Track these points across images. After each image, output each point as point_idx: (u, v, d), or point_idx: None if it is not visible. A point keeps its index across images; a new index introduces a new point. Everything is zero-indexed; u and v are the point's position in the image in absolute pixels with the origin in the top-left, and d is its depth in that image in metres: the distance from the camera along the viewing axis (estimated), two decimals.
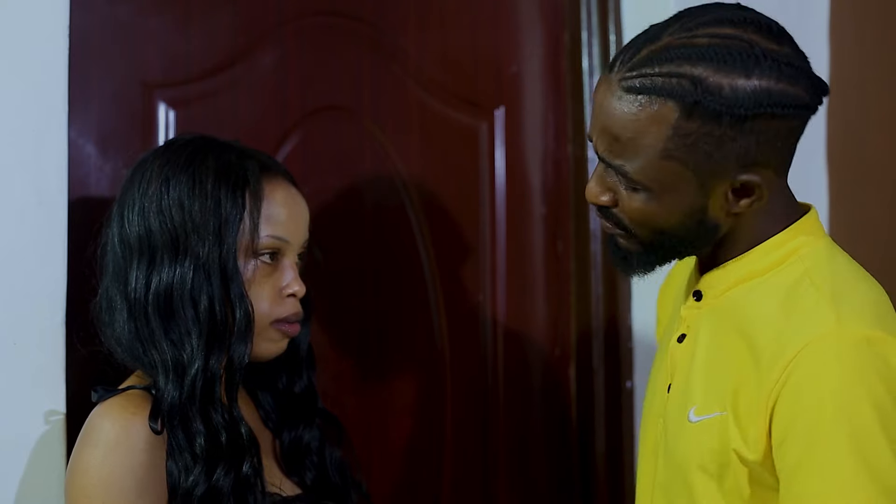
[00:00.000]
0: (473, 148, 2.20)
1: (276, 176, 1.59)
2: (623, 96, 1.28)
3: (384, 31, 2.11)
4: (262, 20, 2.02)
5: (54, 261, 1.71)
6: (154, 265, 1.52)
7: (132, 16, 1.92)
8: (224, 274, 1.51)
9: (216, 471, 1.47)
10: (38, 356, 1.71)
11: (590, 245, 2.26)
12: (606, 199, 1.36)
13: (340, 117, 2.08)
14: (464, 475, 2.19)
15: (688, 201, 1.32)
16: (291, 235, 1.57)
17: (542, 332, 2.25)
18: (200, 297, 1.50)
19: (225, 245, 1.51)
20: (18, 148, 1.71)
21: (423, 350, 2.16)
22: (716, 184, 1.31)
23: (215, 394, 1.50)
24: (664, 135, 1.28)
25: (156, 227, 1.52)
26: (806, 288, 1.32)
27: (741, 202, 1.33)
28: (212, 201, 1.52)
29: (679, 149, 1.28)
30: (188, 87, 1.96)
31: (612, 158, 1.32)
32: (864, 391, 1.23)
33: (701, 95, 1.25)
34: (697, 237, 1.36)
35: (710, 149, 1.28)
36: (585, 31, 2.25)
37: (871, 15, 2.16)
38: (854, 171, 2.19)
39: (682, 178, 1.30)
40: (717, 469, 1.33)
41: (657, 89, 1.27)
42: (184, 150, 1.57)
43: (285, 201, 1.58)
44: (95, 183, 1.87)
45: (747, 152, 1.29)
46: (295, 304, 1.58)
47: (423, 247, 2.15)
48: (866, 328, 1.27)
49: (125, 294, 1.53)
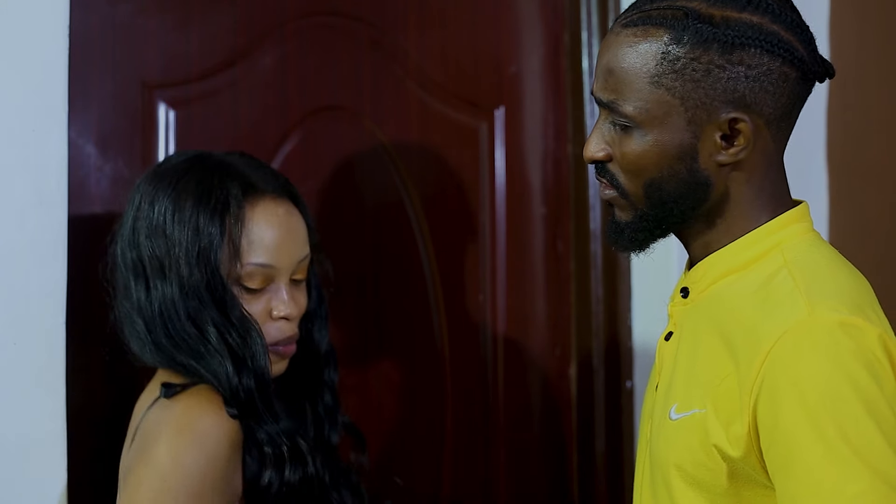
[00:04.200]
0: (473, 148, 2.20)
1: (262, 196, 1.55)
2: (620, 32, 1.34)
3: (384, 31, 2.11)
4: (262, 20, 2.02)
5: (54, 261, 1.71)
6: (149, 286, 1.53)
7: (132, 16, 1.92)
8: (215, 297, 1.50)
9: (285, 472, 1.50)
10: (38, 356, 1.71)
11: (590, 245, 2.26)
12: (602, 153, 1.37)
13: (340, 117, 2.08)
14: (464, 475, 2.19)
15: (678, 139, 1.33)
16: (279, 259, 1.54)
17: (542, 332, 2.25)
18: (200, 320, 1.50)
19: (208, 270, 1.50)
20: (18, 148, 1.71)
21: (423, 350, 2.16)
22: (704, 122, 1.33)
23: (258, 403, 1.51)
24: (654, 60, 1.31)
25: (145, 248, 1.53)
26: (783, 279, 1.32)
27: (730, 150, 1.34)
28: (190, 228, 1.51)
29: (668, 75, 1.31)
30: (188, 87, 1.96)
31: (607, 96, 1.34)
32: (842, 377, 1.22)
33: (691, 22, 1.30)
34: (688, 192, 1.36)
35: (699, 76, 1.31)
36: (585, 31, 2.25)
37: (871, 14, 2.16)
38: (854, 171, 2.19)
39: (671, 109, 1.32)
40: (692, 467, 1.32)
41: (651, 20, 1.32)
42: (171, 170, 1.57)
43: (270, 222, 1.54)
44: (95, 183, 1.87)
45: (735, 87, 1.31)
46: (286, 327, 1.57)
47: (423, 247, 2.15)
48: (839, 315, 1.25)
49: (137, 308, 1.54)
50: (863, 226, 2.16)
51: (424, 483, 2.17)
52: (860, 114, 2.16)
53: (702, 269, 1.40)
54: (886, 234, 2.10)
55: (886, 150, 2.13)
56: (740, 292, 1.34)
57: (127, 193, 1.86)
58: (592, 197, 2.25)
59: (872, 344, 1.24)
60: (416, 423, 2.16)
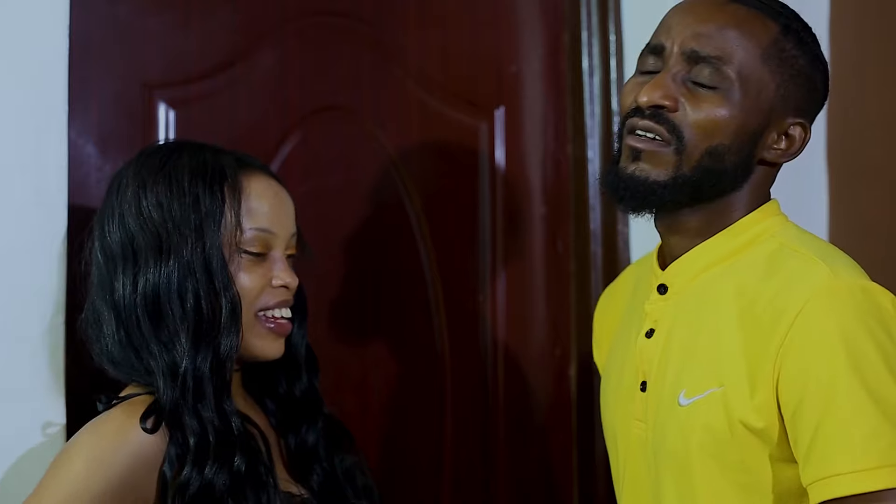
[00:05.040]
0: (473, 148, 2.20)
1: (253, 170, 1.57)
2: (727, 3, 1.38)
3: (384, 31, 2.11)
4: (262, 20, 2.02)
5: (54, 261, 1.71)
6: (139, 267, 1.50)
7: (132, 16, 1.92)
8: (208, 269, 1.50)
9: (206, 466, 1.45)
10: (38, 356, 1.71)
11: (590, 245, 2.26)
12: (670, 101, 1.36)
13: (340, 117, 2.08)
14: (464, 475, 2.19)
15: (756, 120, 1.37)
16: (277, 227, 1.56)
17: (542, 332, 2.25)
18: (186, 294, 1.49)
19: (207, 241, 1.50)
20: (18, 148, 1.71)
21: (423, 350, 2.16)
22: (778, 115, 1.39)
23: (205, 391, 1.48)
24: (768, 40, 1.37)
25: (136, 229, 1.51)
26: (787, 255, 1.36)
27: (778, 151, 1.40)
28: (190, 198, 1.51)
29: (775, 59, 1.37)
30: (188, 87, 1.97)
31: (711, 51, 1.35)
32: (867, 336, 1.27)
33: (793, 22, 1.40)
34: (736, 173, 1.39)
35: (794, 73, 1.38)
36: (585, 31, 2.25)
37: (871, 14, 2.16)
38: (854, 171, 2.19)
39: (765, 90, 1.37)
40: (715, 447, 1.33)
41: (760, 6, 1.39)
42: (157, 153, 1.56)
43: (266, 193, 1.56)
44: (95, 183, 1.87)
45: (805, 99, 1.40)
46: (283, 292, 1.56)
47: (423, 247, 2.15)
48: (860, 280, 1.32)
49: (112, 303, 1.51)
50: (863, 226, 2.16)
51: (425, 483, 2.17)
52: (860, 114, 2.16)
53: (685, 263, 1.42)
54: (886, 234, 2.10)
55: (886, 150, 2.13)
56: (741, 274, 1.37)
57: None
58: (592, 197, 2.25)
59: (889, 306, 1.31)
60: (416, 423, 2.16)
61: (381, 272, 2.13)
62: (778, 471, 1.32)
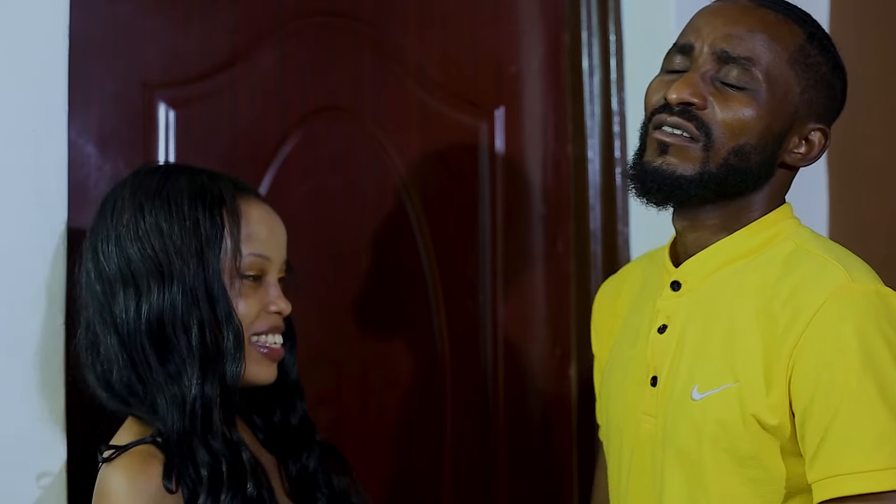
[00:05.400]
0: (473, 148, 2.20)
1: (249, 195, 1.58)
2: (756, 7, 1.41)
3: (384, 31, 2.11)
4: (262, 20, 2.02)
5: (54, 261, 1.71)
6: (140, 293, 1.49)
7: (132, 16, 1.92)
8: (210, 296, 1.49)
9: (220, 496, 1.45)
10: (38, 356, 1.71)
11: (590, 245, 2.26)
12: (700, 99, 1.38)
13: (340, 117, 2.08)
14: (464, 475, 2.19)
15: (780, 121, 1.39)
16: (272, 252, 1.56)
17: (542, 332, 2.25)
18: (191, 323, 1.48)
19: (209, 266, 1.50)
20: (18, 148, 1.71)
21: (423, 350, 2.16)
22: (801, 119, 1.41)
23: (213, 421, 1.48)
24: (794, 45, 1.40)
25: (135, 255, 1.49)
26: (803, 256, 1.39)
27: (797, 155, 1.43)
28: (190, 222, 1.50)
29: (800, 64, 1.39)
30: (188, 87, 1.96)
31: (741, 51, 1.38)
32: (882, 340, 1.29)
33: (817, 29, 1.43)
34: (759, 173, 1.41)
35: (818, 79, 1.41)
36: (585, 31, 2.25)
37: (871, 15, 2.16)
38: (854, 171, 2.19)
39: (790, 92, 1.39)
40: (728, 441, 1.35)
41: (787, 12, 1.42)
42: (153, 176, 1.55)
43: (263, 218, 1.57)
44: (95, 183, 1.87)
45: (826, 106, 1.43)
46: (276, 319, 1.57)
47: (423, 247, 2.15)
48: (874, 284, 1.35)
49: (114, 327, 1.50)
50: (863, 226, 2.16)
51: (425, 483, 2.17)
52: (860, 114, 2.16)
53: (701, 260, 1.44)
54: (886, 234, 2.10)
55: (886, 150, 2.13)
56: (758, 272, 1.39)
57: None
58: (592, 197, 2.25)
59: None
60: (416, 423, 2.16)
61: (381, 272, 2.13)
62: (790, 466, 1.34)
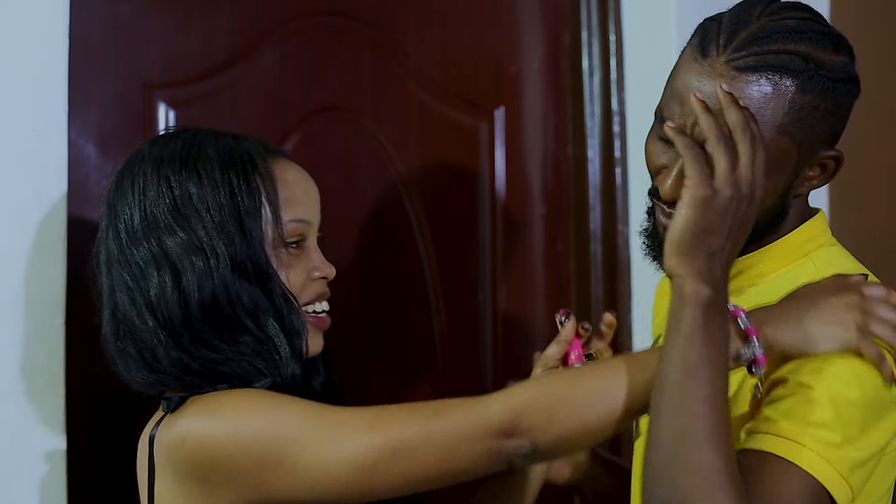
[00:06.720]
0: (473, 148, 2.20)
1: (278, 155, 1.47)
2: (737, 76, 1.27)
3: (384, 31, 2.11)
4: (262, 20, 2.02)
5: (54, 261, 1.71)
6: (180, 274, 1.36)
7: (132, 16, 1.92)
8: (259, 270, 1.38)
9: None
10: (38, 356, 1.71)
11: (590, 245, 2.26)
12: None
13: (340, 117, 2.08)
14: None
15: (784, 180, 1.32)
16: (311, 215, 1.46)
17: (542, 332, 2.25)
18: (249, 301, 1.36)
19: (253, 239, 1.38)
20: (18, 148, 1.71)
21: (423, 350, 2.16)
22: (808, 161, 1.33)
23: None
24: (782, 110, 1.28)
25: (168, 233, 1.37)
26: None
27: (813, 182, 1.36)
28: (224, 192, 1.38)
29: (793, 123, 1.29)
30: (188, 87, 1.96)
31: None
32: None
33: (813, 70, 1.28)
34: (769, 222, 1.36)
35: (815, 122, 1.30)
36: (585, 31, 2.25)
37: (871, 15, 2.16)
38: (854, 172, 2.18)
39: (788, 154, 1.31)
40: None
41: (772, 66, 1.27)
42: (172, 143, 1.42)
43: (298, 180, 1.46)
44: (95, 183, 1.87)
45: (834, 126, 1.33)
46: (322, 285, 1.46)
47: (423, 247, 2.15)
48: None
49: (151, 310, 1.36)
50: (863, 226, 2.16)
51: None
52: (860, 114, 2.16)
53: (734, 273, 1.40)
54: (886, 234, 2.10)
55: (886, 150, 2.13)
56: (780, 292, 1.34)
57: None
58: (592, 198, 2.25)
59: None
60: None
61: (381, 272, 2.13)
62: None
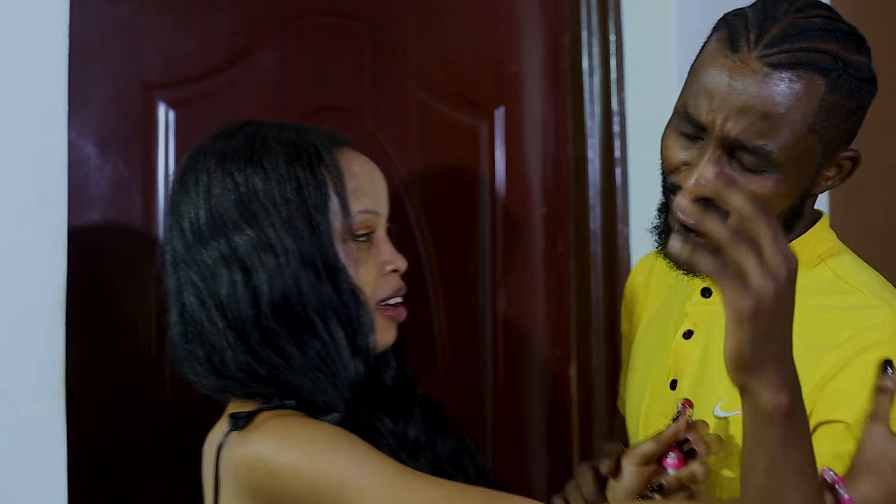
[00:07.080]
0: (473, 148, 2.20)
1: (343, 144, 1.43)
2: (770, 73, 1.26)
3: (384, 31, 2.11)
4: (262, 20, 2.02)
5: (54, 261, 1.71)
6: (250, 272, 1.33)
7: (132, 16, 1.92)
8: (329, 266, 1.35)
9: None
10: (38, 356, 1.71)
11: (590, 245, 2.26)
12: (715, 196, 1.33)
13: (340, 117, 2.08)
14: None
15: (806, 182, 1.32)
16: (380, 206, 1.42)
17: (542, 332, 2.25)
18: (320, 300, 1.34)
19: (322, 234, 1.35)
20: (18, 148, 1.71)
21: (423, 350, 2.16)
22: (830, 160, 1.33)
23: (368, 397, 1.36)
24: (813, 108, 1.27)
25: (235, 231, 1.34)
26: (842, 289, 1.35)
27: (829, 181, 1.35)
28: (291, 186, 1.34)
29: (821, 122, 1.28)
30: (188, 87, 1.96)
31: (754, 139, 1.27)
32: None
33: (842, 69, 1.28)
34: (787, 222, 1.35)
35: (840, 121, 1.30)
36: (585, 31, 2.25)
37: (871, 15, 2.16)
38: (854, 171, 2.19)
39: (814, 154, 1.30)
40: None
41: (804, 63, 1.27)
42: (234, 138, 1.39)
43: (364, 170, 1.42)
44: (95, 183, 1.87)
45: (854, 127, 1.32)
46: (396, 280, 1.44)
47: (423, 247, 2.15)
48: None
49: (221, 310, 1.34)
50: (863, 226, 2.16)
51: None
52: None
53: None
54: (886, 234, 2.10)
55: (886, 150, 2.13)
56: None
57: (127, 194, 1.86)
58: (592, 197, 2.25)
59: None
60: None
61: None
62: None
